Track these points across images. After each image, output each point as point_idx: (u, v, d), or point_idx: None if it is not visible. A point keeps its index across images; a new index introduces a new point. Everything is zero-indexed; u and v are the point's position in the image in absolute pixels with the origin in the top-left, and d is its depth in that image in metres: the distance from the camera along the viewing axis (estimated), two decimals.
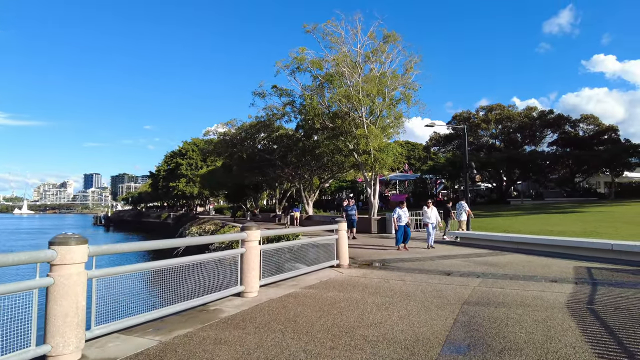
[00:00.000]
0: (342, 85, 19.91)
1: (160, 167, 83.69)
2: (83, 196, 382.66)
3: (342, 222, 8.81)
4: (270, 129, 26.01)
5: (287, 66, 21.17)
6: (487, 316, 4.93)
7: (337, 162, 27.28)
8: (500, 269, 8.55)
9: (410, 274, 8.09)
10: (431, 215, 13.27)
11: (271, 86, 22.88)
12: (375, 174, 21.64)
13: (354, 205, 17.66)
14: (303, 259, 8.53)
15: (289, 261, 8.63)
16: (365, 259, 10.43)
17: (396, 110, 22.20)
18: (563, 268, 8.52)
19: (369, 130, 19.98)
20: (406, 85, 21.35)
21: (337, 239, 8.74)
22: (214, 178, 35.40)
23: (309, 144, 26.59)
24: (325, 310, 5.33)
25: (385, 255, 11.37)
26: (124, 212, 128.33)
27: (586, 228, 17.17)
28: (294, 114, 23.47)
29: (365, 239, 16.61)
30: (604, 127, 52.49)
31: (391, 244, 13.93)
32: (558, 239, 11.17)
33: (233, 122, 27.09)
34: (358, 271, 8.50)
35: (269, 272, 6.86)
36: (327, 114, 21.96)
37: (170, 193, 77.39)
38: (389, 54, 20.98)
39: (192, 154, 72.24)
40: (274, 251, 7.26)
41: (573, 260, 9.44)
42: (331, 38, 19.54)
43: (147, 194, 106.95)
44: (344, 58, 19.66)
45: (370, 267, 9.14)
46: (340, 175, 32.53)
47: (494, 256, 10.64)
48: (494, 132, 55.31)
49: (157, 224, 79.01)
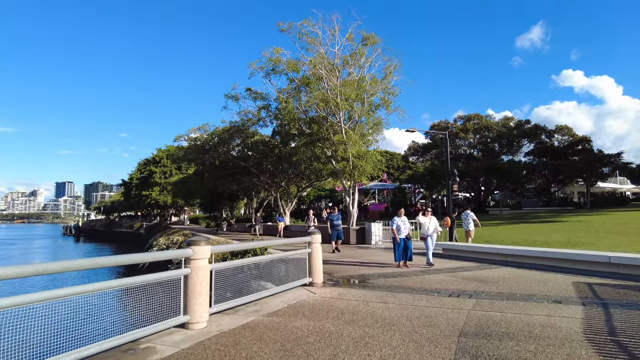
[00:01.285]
0: (320, 89, 18.92)
1: (133, 175, 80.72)
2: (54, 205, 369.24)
3: (315, 234, 7.69)
4: (244, 135, 24.71)
5: (261, 68, 20.08)
6: (494, 355, 3.88)
7: (314, 169, 26.25)
8: (494, 287, 7.59)
9: (392, 294, 7.01)
10: (430, 226, 11.17)
11: (245, 89, 21.67)
12: (354, 182, 20.67)
13: (339, 215, 15.61)
14: (271, 276, 7.38)
15: (256, 279, 7.44)
16: (343, 275, 9.33)
17: (375, 117, 21.41)
18: (561, 284, 7.64)
19: (348, 136, 19.04)
20: (385, 91, 20.58)
21: (310, 253, 7.61)
22: (186, 186, 33.70)
23: (286, 151, 25.45)
24: (288, 349, 4.18)
25: (364, 269, 10.29)
26: (95, 221, 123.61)
27: (570, 238, 16.61)
28: (269, 118, 22.31)
29: (343, 250, 15.51)
30: (577, 137, 53.41)
31: (371, 255, 12.89)
32: (550, 251, 10.35)
33: (205, 127, 25.71)
34: (333, 290, 7.38)
35: (225, 295, 5.67)
36: (304, 119, 20.93)
37: (143, 202, 74.72)
38: (368, 57, 20.18)
39: (166, 162, 69.93)
40: (235, 269, 6.07)
41: (569, 275, 8.59)
42: (308, 39, 18.56)
43: (119, 203, 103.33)
44: (321, 60, 18.71)
45: (347, 285, 8.02)
46: (319, 183, 31.46)
47: (483, 270, 9.71)
48: (472, 141, 55.50)
49: (129, 234, 76.30)
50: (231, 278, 5.90)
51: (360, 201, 45.36)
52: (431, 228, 11.10)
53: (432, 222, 11.17)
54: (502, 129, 52.69)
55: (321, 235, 8.14)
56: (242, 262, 6.64)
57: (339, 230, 14.93)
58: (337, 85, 18.72)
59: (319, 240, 7.75)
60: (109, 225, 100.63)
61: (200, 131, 25.97)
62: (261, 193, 37.82)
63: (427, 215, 11.32)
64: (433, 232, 11.10)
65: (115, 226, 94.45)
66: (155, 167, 70.31)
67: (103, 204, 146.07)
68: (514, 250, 11.28)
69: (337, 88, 18.51)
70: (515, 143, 53.84)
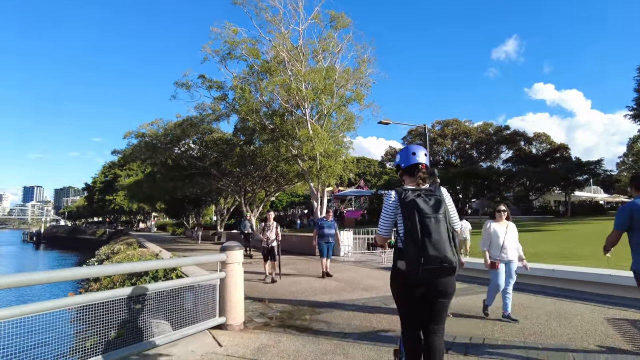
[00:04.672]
0: (282, 75, 16.37)
1: (96, 179, 76.16)
2: (21, 210, 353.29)
3: (232, 250, 5.07)
4: (200, 130, 21.87)
5: (217, 52, 17.37)
6: None
7: (281, 171, 23.68)
8: (497, 327, 5.16)
9: (349, 344, 4.49)
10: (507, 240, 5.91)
11: (198, 76, 18.88)
12: (322, 184, 18.16)
13: (333, 221, 11.00)
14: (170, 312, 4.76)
15: (153, 314, 4.82)
16: (284, 307, 6.74)
17: (347, 112, 19.06)
18: (590, 321, 5.30)
19: (315, 132, 16.54)
20: (358, 82, 18.25)
21: (224, 279, 4.99)
22: (141, 189, 30.45)
23: (249, 150, 22.77)
24: None
25: (320, 294, 7.72)
26: (58, 227, 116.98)
27: (563, 249, 14.57)
28: (227, 110, 19.55)
29: (303, 264, 12.95)
30: (556, 145, 52.79)
31: (335, 271, 10.27)
32: (561, 270, 8.02)
33: (158, 122, 22.73)
34: (255, 339, 4.75)
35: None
36: (266, 111, 18.33)
37: (107, 207, 70.46)
38: (338, 43, 17.81)
39: (132, 165, 65.95)
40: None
41: (591, 304, 6.27)
42: (267, 16, 15.97)
43: (84, 208, 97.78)
44: (283, 41, 16.18)
45: (281, 327, 5.38)
46: (287, 187, 28.82)
47: (474, 296, 7.31)
48: (450, 147, 54.13)
49: (91, 241, 71.73)
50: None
51: (337, 208, 43.03)
52: (510, 246, 5.62)
53: (509, 233, 5.65)
54: (481, 134, 51.54)
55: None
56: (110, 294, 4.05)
57: (329, 243, 10.42)
58: (302, 71, 16.22)
59: (239, 258, 5.13)
60: (72, 231, 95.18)
61: (153, 126, 23.02)
62: (228, 198, 34.88)
63: (501, 219, 5.74)
64: (513, 253, 5.65)
65: (79, 232, 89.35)
66: (120, 170, 66.36)
67: (68, 209, 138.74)
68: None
69: (300, 72, 16.01)
70: (494, 149, 52.76)
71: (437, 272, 2.56)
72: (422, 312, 2.79)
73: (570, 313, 5.82)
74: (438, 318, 2.80)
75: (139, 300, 4.71)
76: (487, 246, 5.67)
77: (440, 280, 2.65)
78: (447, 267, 2.54)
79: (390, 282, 2.91)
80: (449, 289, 2.71)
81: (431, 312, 2.78)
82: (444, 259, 2.52)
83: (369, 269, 11.71)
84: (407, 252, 2.62)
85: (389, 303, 6.74)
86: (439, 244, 2.53)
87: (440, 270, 2.55)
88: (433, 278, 2.61)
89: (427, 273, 2.55)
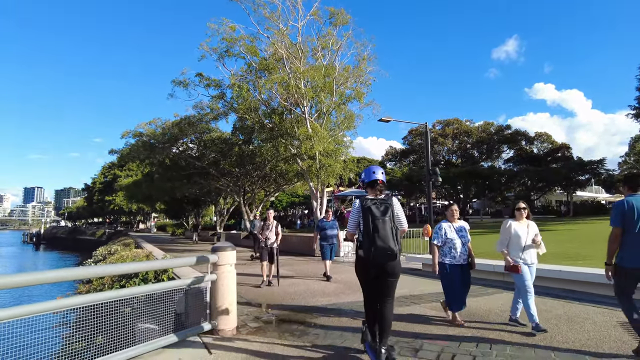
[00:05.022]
0: (280, 72, 16.09)
1: (96, 180, 75.92)
2: (21, 211, 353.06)
3: (224, 251, 4.80)
4: (198, 130, 21.57)
5: (214, 50, 17.08)
6: None
7: (280, 171, 23.41)
8: (506, 335, 4.88)
9: (347, 352, 4.21)
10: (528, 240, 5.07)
11: (195, 74, 18.58)
12: (321, 184, 17.88)
13: (334, 221, 10.52)
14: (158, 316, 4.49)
15: (140, 318, 4.54)
16: (280, 310, 6.46)
17: (347, 110, 18.78)
18: (603, 325, 5.03)
19: (314, 131, 16.26)
20: (358, 80, 17.96)
21: (215, 281, 4.72)
22: (140, 190, 30.16)
23: (247, 150, 22.46)
24: None
25: (318, 297, 7.45)
26: (57, 228, 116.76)
27: (566, 249, 14.25)
28: (225, 109, 19.25)
29: (302, 264, 12.69)
30: (557, 144, 52.36)
31: (335, 272, 9.96)
32: (566, 271, 7.75)
33: (156, 122, 22.45)
34: (247, 346, 4.47)
35: None
36: (265, 110, 18.05)
37: (106, 208, 70.22)
38: (338, 41, 17.53)
39: (131, 166, 65.72)
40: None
41: (598, 306, 6.01)
42: (265, 12, 15.66)
43: (83, 209, 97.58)
44: (281, 38, 15.89)
45: (276, 332, 5.10)
46: (287, 187, 28.53)
47: (478, 298, 7.04)
48: (451, 147, 53.78)
49: (91, 242, 71.57)
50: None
51: (337, 208, 42.76)
52: (531, 247, 5.06)
53: (531, 233, 5.07)
54: (482, 134, 51.18)
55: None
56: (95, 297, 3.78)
57: (333, 244, 10.13)
58: (301, 69, 15.93)
59: (231, 260, 4.86)
60: (72, 232, 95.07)
61: (151, 126, 22.74)
62: (227, 198, 34.59)
63: (521, 218, 5.17)
64: (534, 255, 5.11)
65: (79, 233, 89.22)
66: (120, 171, 66.11)
67: (68, 210, 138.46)
68: None
69: (299, 70, 15.72)
70: (495, 149, 52.40)
71: (384, 258, 3.57)
72: (376, 287, 3.78)
73: (580, 316, 5.54)
74: (387, 292, 3.77)
75: (124, 303, 4.45)
76: (504, 247, 5.12)
77: (388, 264, 3.66)
78: (390, 254, 3.56)
79: (355, 266, 3.98)
80: (395, 270, 3.74)
81: (383, 288, 3.76)
82: (388, 248, 3.53)
83: None
84: (364, 244, 3.64)
85: None
86: (385, 238, 3.53)
87: (386, 257, 3.57)
88: (382, 262, 3.62)
89: (378, 258, 3.57)
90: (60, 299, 3.60)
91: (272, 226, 9.20)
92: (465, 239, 5.35)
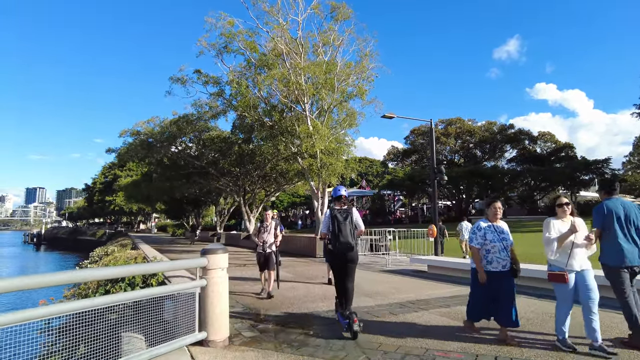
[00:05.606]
0: (280, 68, 15.66)
1: (96, 180, 75.60)
2: (23, 212, 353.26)
3: (215, 254, 4.38)
4: (197, 128, 21.13)
5: (213, 45, 16.66)
6: None
7: (281, 170, 22.98)
8: (527, 347, 4.44)
9: None
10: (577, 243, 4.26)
11: (193, 71, 18.13)
12: (322, 183, 17.45)
13: None
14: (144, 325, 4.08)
15: (124, 328, 4.14)
16: (278, 317, 6.03)
17: (349, 108, 18.34)
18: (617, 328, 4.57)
19: (315, 129, 15.82)
20: (360, 77, 17.52)
21: (205, 287, 4.29)
22: (139, 190, 29.77)
23: (247, 149, 22.03)
24: None
25: (319, 302, 7.02)
26: (58, 229, 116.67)
27: None
28: (224, 107, 18.80)
29: (303, 266, 12.26)
30: (560, 144, 51.81)
31: None
32: None
33: (155, 120, 22.06)
34: (240, 359, 4.05)
35: None
36: (265, 107, 17.62)
37: (106, 208, 69.92)
38: (339, 36, 17.09)
39: (131, 165, 65.37)
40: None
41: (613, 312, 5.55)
42: (264, 6, 15.23)
43: (83, 209, 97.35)
44: (281, 32, 15.45)
45: (273, 343, 4.67)
46: (288, 187, 28.09)
47: None
48: (454, 146, 53.27)
49: (91, 242, 71.34)
50: None
51: None
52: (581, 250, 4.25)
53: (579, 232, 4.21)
54: (485, 133, 50.65)
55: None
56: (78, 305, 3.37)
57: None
58: (302, 64, 15.50)
59: (223, 263, 4.44)
60: (73, 232, 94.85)
61: (149, 124, 22.34)
62: (227, 198, 34.18)
63: (565, 215, 4.40)
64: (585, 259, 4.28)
65: (79, 234, 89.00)
66: (120, 171, 65.77)
67: (69, 210, 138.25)
68: (525, 270, 8.20)
69: (299, 65, 15.29)
70: (498, 149, 51.88)
71: (345, 250, 5.07)
72: (342, 271, 5.21)
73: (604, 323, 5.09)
74: (350, 274, 5.20)
75: (110, 310, 4.03)
76: (554, 252, 4.22)
77: (348, 254, 5.10)
78: (349, 247, 5.06)
79: (325, 256, 6.54)
80: (353, 258, 5.17)
81: (346, 271, 5.19)
82: (348, 243, 5.06)
83: (372, 272, 11.02)
84: (332, 240, 5.13)
85: (396, 312, 6.02)
86: (346, 236, 5.07)
87: (347, 249, 5.07)
88: (344, 252, 5.08)
89: (341, 250, 5.06)
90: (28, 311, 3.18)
91: (270, 228, 8.07)
92: (508, 242, 4.62)
